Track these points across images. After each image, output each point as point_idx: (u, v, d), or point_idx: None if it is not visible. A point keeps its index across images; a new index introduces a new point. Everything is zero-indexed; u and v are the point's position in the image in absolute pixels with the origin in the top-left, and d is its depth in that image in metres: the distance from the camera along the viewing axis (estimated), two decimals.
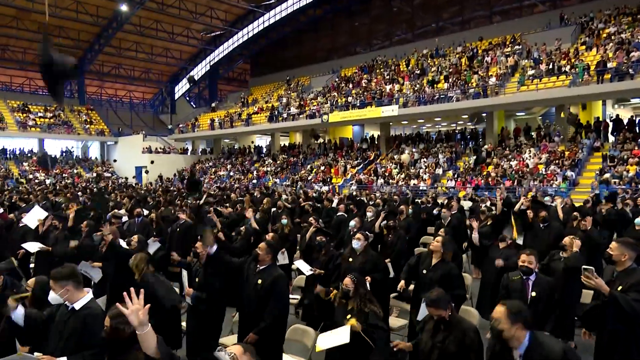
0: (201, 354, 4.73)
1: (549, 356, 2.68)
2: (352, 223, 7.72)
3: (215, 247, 4.81)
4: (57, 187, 22.95)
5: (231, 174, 31.91)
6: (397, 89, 25.62)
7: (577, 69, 19.28)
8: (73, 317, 3.15)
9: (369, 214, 9.23)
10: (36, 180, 30.23)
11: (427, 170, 22.87)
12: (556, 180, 18.24)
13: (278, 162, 31.17)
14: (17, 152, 34.71)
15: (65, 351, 3.07)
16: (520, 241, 7.79)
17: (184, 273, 4.99)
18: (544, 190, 17.23)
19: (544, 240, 7.14)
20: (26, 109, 35.92)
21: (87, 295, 3.24)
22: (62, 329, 3.16)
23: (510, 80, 21.75)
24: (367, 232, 6.09)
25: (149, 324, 2.25)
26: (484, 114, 23.37)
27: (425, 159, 24.05)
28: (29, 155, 34.87)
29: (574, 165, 18.69)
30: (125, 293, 2.30)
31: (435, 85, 24.18)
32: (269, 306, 4.35)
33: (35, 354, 3.07)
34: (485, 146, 22.71)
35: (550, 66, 20.63)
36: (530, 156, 20.43)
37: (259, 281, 4.47)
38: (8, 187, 25.17)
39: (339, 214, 10.33)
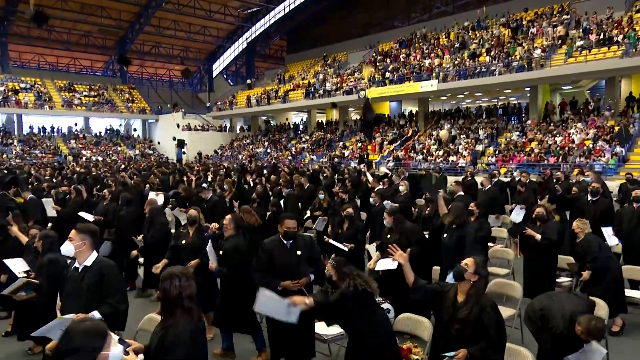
0: (228, 325, 4.86)
1: None
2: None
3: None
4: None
5: (268, 150, 32.20)
6: (436, 63, 24.95)
7: (630, 39, 18.19)
8: (87, 273, 3.25)
9: (401, 188, 9.17)
10: (84, 158, 31.49)
11: (466, 146, 22.34)
12: (604, 156, 17.46)
13: (314, 138, 31.18)
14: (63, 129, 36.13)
15: (88, 307, 3.19)
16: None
17: (209, 245, 5.11)
18: (591, 165, 16.56)
19: (590, 215, 6.87)
20: (72, 88, 37.20)
21: (94, 253, 3.38)
22: (77, 288, 3.26)
23: (557, 52, 20.76)
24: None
25: None
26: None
27: (464, 135, 23.49)
28: (76, 133, 36.24)
29: (625, 141, 17.81)
30: None
31: (476, 59, 23.40)
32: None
33: (68, 315, 3.16)
34: (529, 121, 21.97)
35: (601, 36, 19.53)
36: (576, 131, 19.60)
37: (298, 252, 4.52)
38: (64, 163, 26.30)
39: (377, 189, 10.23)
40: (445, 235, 5.41)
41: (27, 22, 34.43)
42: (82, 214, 7.55)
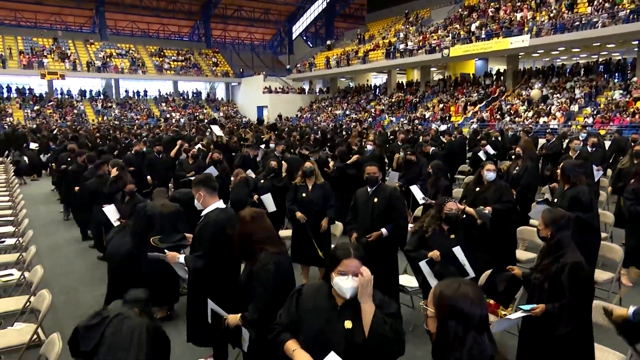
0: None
1: None
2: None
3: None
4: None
5: (347, 112, 32.09)
6: (529, 17, 23.09)
7: None
8: (202, 221, 3.46)
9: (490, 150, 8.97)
10: (173, 120, 33.37)
11: (561, 107, 20.76)
12: None
13: (394, 100, 30.54)
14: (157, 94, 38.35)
15: (193, 250, 3.55)
16: None
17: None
18: None
19: None
20: (162, 53, 39.14)
21: (214, 204, 3.44)
22: (198, 231, 3.53)
23: None
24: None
25: None
26: None
27: (558, 95, 21.82)
28: (166, 96, 38.35)
29: None
30: None
31: (575, 10, 21.34)
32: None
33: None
34: (634, 78, 19.87)
35: None
36: None
37: (375, 200, 4.54)
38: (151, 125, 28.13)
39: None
40: (555, 200, 5.07)
41: None
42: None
